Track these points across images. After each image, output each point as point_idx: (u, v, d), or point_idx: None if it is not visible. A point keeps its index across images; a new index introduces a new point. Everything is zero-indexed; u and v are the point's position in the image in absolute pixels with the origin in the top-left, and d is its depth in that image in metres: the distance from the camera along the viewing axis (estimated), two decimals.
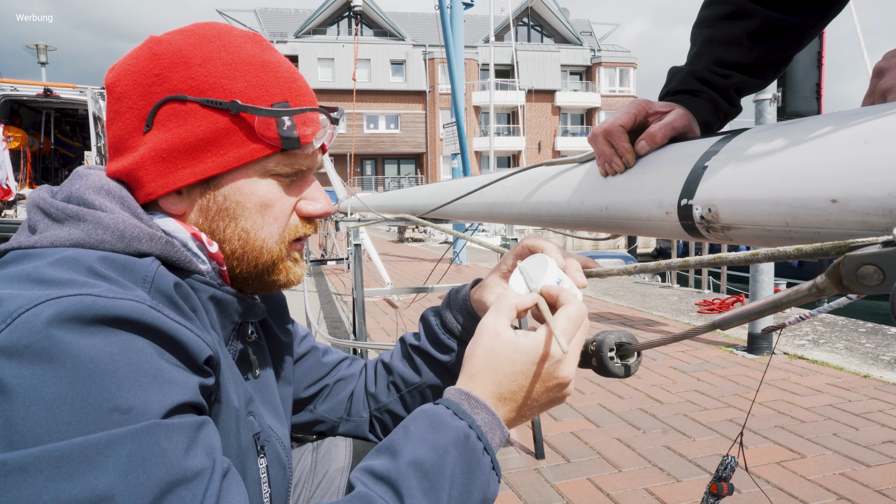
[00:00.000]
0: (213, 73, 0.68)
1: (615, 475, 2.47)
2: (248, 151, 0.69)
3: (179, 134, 0.68)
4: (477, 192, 1.51)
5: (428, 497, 0.57)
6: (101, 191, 0.68)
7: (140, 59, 0.70)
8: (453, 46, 10.13)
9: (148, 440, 0.51)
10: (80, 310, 0.52)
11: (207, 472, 0.54)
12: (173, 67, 0.68)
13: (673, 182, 0.76)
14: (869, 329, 4.96)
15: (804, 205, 0.56)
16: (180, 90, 0.68)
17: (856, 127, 0.55)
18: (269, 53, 0.73)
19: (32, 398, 0.48)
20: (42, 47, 13.83)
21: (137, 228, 0.65)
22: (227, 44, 0.71)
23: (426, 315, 0.95)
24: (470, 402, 0.64)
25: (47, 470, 0.47)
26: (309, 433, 1.01)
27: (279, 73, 0.72)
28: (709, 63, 0.93)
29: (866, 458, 2.57)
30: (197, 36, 0.71)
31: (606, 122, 0.90)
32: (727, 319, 0.55)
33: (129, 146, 0.70)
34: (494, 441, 0.63)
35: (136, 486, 0.49)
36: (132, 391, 0.52)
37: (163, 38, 0.71)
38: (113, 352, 0.53)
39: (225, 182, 0.70)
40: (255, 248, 0.73)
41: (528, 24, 41.78)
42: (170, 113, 0.68)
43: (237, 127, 0.68)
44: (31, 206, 0.68)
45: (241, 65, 0.70)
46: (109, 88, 0.72)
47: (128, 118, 0.69)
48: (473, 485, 0.60)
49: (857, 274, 0.44)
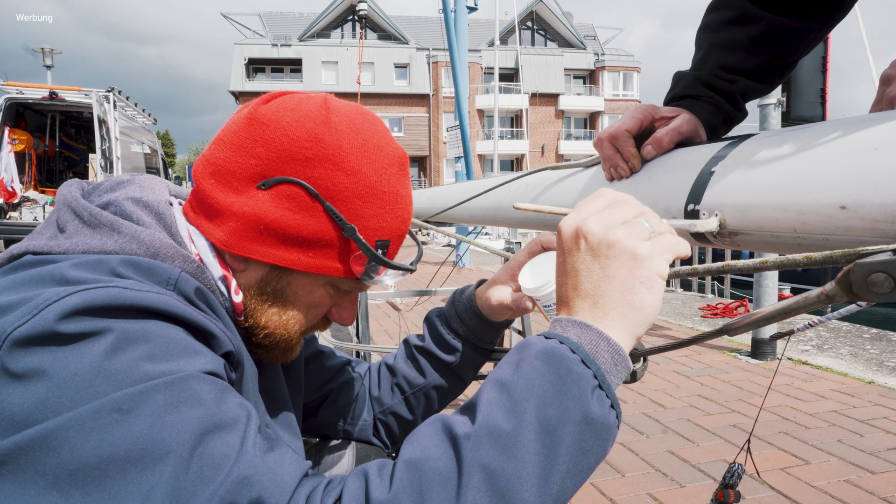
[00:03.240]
0: (352, 189, 0.68)
1: (618, 480, 2.46)
2: (333, 268, 0.70)
3: (288, 219, 0.67)
4: (481, 195, 1.51)
5: (505, 408, 0.52)
6: (140, 203, 0.67)
7: (303, 129, 0.67)
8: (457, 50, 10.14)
9: (182, 386, 0.52)
10: (107, 300, 0.53)
11: (243, 421, 0.55)
12: (325, 161, 0.67)
13: (679, 187, 0.76)
14: (874, 335, 4.94)
15: (813, 211, 0.56)
16: (317, 185, 0.67)
17: (865, 133, 0.54)
18: (403, 184, 0.74)
19: (65, 375, 0.50)
20: (48, 50, 13.89)
21: (172, 248, 0.65)
22: (377, 161, 0.70)
23: (430, 316, 0.95)
24: (560, 323, 0.58)
25: (85, 425, 0.48)
26: (312, 437, 1.00)
27: (401, 211, 0.73)
28: (714, 68, 0.93)
29: (871, 465, 2.56)
30: (362, 139, 0.69)
31: (612, 127, 0.90)
32: (736, 325, 0.55)
33: (235, 186, 0.68)
34: (600, 354, 0.54)
35: (175, 428, 0.50)
36: (163, 361, 0.53)
37: (332, 122, 0.68)
38: (146, 328, 0.54)
39: (296, 274, 0.71)
40: (284, 334, 0.74)
41: (531, 27, 41.82)
42: (293, 194, 0.67)
43: (338, 245, 0.69)
44: (62, 205, 0.67)
45: (379, 193, 0.70)
46: (257, 122, 0.68)
47: (254, 163, 0.67)
48: (567, 397, 0.51)
49: (867, 282, 0.44)
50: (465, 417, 0.54)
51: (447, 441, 0.52)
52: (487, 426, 0.51)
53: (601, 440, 0.52)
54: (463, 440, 0.51)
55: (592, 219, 0.58)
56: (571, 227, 0.59)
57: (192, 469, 0.49)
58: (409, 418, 0.96)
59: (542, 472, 0.50)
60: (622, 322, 0.55)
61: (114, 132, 8.51)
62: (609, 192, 0.62)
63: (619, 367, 0.55)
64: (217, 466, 0.50)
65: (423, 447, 0.53)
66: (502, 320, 0.90)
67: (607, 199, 0.60)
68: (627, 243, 0.56)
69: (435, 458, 0.51)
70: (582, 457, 0.51)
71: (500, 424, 0.51)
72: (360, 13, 9.72)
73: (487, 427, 0.51)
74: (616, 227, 0.57)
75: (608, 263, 0.56)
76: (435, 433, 0.54)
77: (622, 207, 0.59)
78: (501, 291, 0.86)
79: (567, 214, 0.61)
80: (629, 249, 0.56)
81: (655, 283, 0.56)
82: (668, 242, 0.58)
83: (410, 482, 0.50)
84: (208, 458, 0.50)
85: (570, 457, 0.51)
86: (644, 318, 0.56)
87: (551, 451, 0.50)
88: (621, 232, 0.56)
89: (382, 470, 0.53)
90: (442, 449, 0.52)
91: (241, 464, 0.51)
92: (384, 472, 0.53)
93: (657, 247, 0.57)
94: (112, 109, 8.56)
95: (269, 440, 0.57)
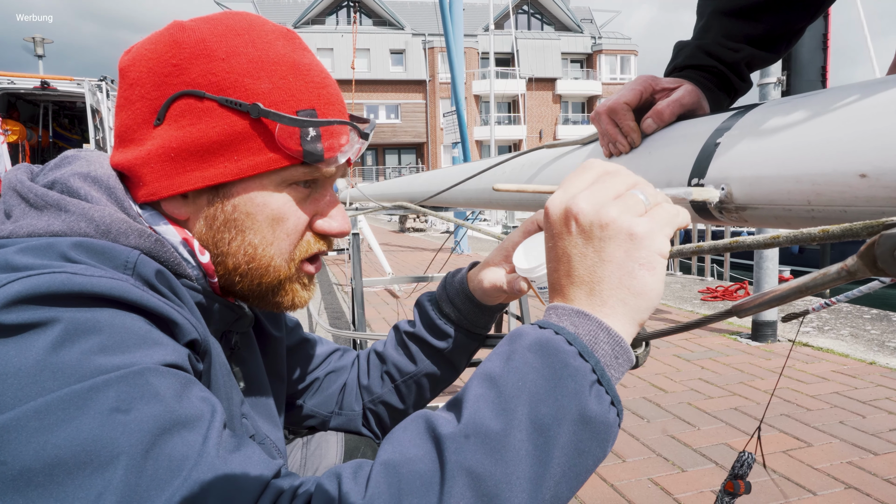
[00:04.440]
0: (236, 69, 0.62)
1: (619, 465, 2.44)
2: (265, 160, 0.63)
3: (192, 133, 0.62)
4: (476, 177, 1.46)
5: (494, 405, 0.48)
6: (88, 178, 0.63)
7: (160, 45, 0.64)
8: (453, 35, 10.04)
9: (137, 381, 0.47)
10: (54, 287, 0.49)
11: (206, 417, 0.50)
12: (194, 59, 0.62)
13: (682, 161, 0.71)
14: (874, 315, 4.92)
15: (829, 181, 0.51)
16: (199, 85, 0.62)
17: (885, 95, 0.50)
18: (300, 54, 0.67)
19: (7, 370, 0.45)
20: (39, 40, 13.73)
21: (125, 223, 0.60)
22: (255, 38, 0.64)
23: (421, 301, 0.91)
24: (556, 311, 0.53)
25: (27, 426, 0.44)
26: (299, 427, 0.97)
27: (309, 77, 0.66)
28: (718, 36, 0.88)
29: (873, 447, 2.53)
30: (224, 26, 0.64)
31: (610, 100, 0.86)
32: (747, 305, 0.50)
33: (136, 138, 0.64)
34: (599, 346, 0.50)
35: (128, 427, 0.45)
36: (117, 353, 0.48)
37: (187, 25, 0.64)
38: (98, 317, 0.49)
39: (236, 191, 0.64)
40: (261, 265, 0.67)
41: (528, 11, 41.47)
42: (184, 108, 0.62)
43: (256, 133, 0.63)
44: (8, 189, 0.63)
45: (269, 64, 0.64)
46: (123, 73, 0.66)
47: (139, 107, 0.64)
48: (562, 394, 0.47)
49: (894, 255, 0.40)
50: (450, 415, 0.49)
51: (429, 441, 0.48)
52: (474, 425, 0.47)
53: (600, 441, 0.48)
54: (446, 441, 0.46)
55: (581, 196, 0.53)
56: (559, 208, 0.54)
57: (147, 472, 0.45)
58: (400, 407, 0.92)
59: (534, 476, 0.45)
60: (622, 309, 0.51)
61: (107, 122, 8.43)
62: (597, 162, 0.56)
63: (621, 360, 0.51)
64: (175, 469, 0.45)
65: (402, 448, 0.48)
66: (496, 304, 0.86)
67: (596, 171, 0.55)
68: (623, 222, 0.51)
69: (415, 460, 0.47)
70: (578, 459, 0.47)
71: (488, 424, 0.46)
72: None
73: (474, 426, 0.47)
74: (608, 203, 0.52)
75: (603, 246, 0.51)
76: (416, 432, 0.49)
77: (613, 180, 0.54)
78: (495, 273, 0.81)
79: (553, 192, 0.56)
80: (625, 229, 0.51)
81: (656, 263, 0.51)
82: (667, 214, 0.53)
83: (388, 486, 0.46)
84: (165, 460, 0.45)
85: (565, 459, 0.46)
86: (646, 303, 0.51)
87: (544, 453, 0.46)
88: (614, 209, 0.51)
89: (358, 472, 0.48)
90: (424, 450, 0.47)
91: (200, 466, 0.46)
92: (360, 475, 0.48)
93: (655, 222, 0.52)
94: (105, 99, 8.46)
95: (236, 437, 0.52)
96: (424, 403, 0.93)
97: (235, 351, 0.76)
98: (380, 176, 38.07)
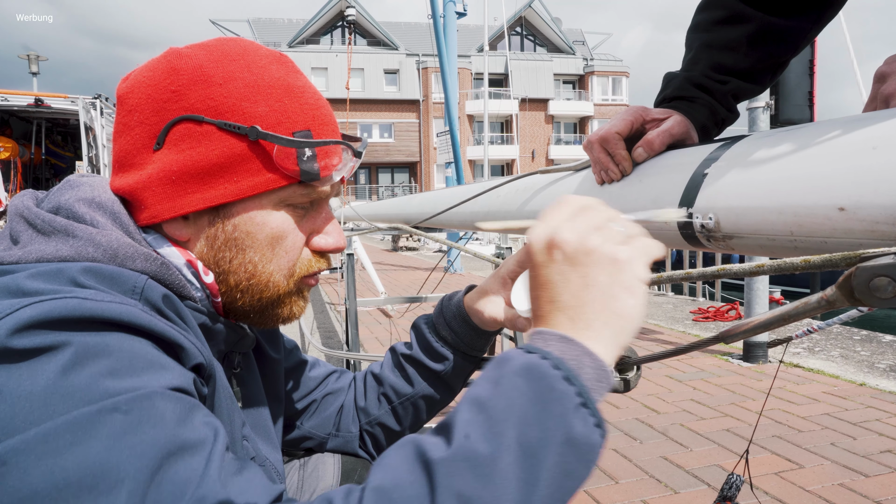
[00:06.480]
0: (233, 94, 0.64)
1: (612, 487, 2.44)
2: (263, 181, 0.65)
3: (192, 156, 0.64)
4: (471, 200, 1.48)
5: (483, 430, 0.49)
6: (93, 204, 0.64)
7: (157, 71, 0.66)
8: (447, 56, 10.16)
9: (144, 404, 0.48)
10: (64, 312, 0.50)
11: (209, 441, 0.51)
12: (192, 85, 0.64)
13: (671, 190, 0.74)
14: (864, 337, 4.96)
15: (810, 213, 0.54)
16: (197, 110, 0.64)
17: (863, 132, 0.53)
18: (294, 77, 0.69)
19: (19, 394, 0.46)
20: (34, 57, 13.75)
21: (131, 248, 0.62)
22: (250, 63, 0.67)
23: (418, 323, 0.92)
24: (542, 336, 0.54)
25: (36, 449, 0.45)
26: (296, 449, 0.97)
27: (304, 100, 0.68)
28: (705, 69, 0.91)
29: (864, 468, 2.55)
30: (219, 52, 0.67)
31: (602, 130, 0.88)
32: (733, 332, 0.53)
33: (136, 163, 0.66)
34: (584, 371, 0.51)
35: (134, 451, 0.46)
36: (126, 377, 0.50)
37: (183, 52, 0.67)
38: (108, 341, 0.51)
39: (236, 211, 0.66)
40: (261, 282, 0.69)
41: (521, 33, 41.99)
42: (184, 133, 0.64)
43: (254, 154, 0.65)
44: (14, 216, 0.64)
45: (264, 88, 0.66)
46: (121, 99, 0.67)
47: (138, 133, 0.65)
48: (549, 417, 0.48)
49: (869, 286, 0.42)
50: (439, 440, 0.50)
51: (419, 466, 0.49)
52: (463, 450, 0.48)
53: (585, 461, 0.49)
54: (436, 465, 0.48)
55: (564, 227, 0.56)
56: (542, 239, 0.57)
57: (150, 496, 0.46)
58: (397, 429, 0.93)
59: (523, 498, 0.47)
60: (606, 332, 0.53)
61: (101, 139, 8.43)
62: (573, 198, 0.59)
63: (603, 384, 0.52)
64: (178, 494, 0.46)
65: (393, 473, 0.49)
66: (493, 329, 0.88)
67: (573, 205, 0.58)
68: (606, 249, 0.54)
69: (405, 486, 0.48)
70: (565, 480, 0.48)
71: (477, 448, 0.47)
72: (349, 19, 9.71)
73: (463, 451, 0.48)
74: (590, 233, 0.55)
75: (588, 272, 0.54)
76: (406, 457, 0.50)
77: (591, 213, 0.57)
78: (494, 305, 0.83)
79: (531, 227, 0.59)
80: (608, 255, 0.54)
81: (637, 288, 0.54)
82: (644, 245, 0.56)
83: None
84: (168, 485, 0.47)
85: (552, 481, 0.48)
86: (629, 325, 0.54)
87: (532, 475, 0.47)
88: (597, 238, 0.54)
89: (349, 497, 0.49)
90: (414, 475, 0.48)
91: (202, 489, 0.47)
92: (350, 500, 0.49)
93: (635, 250, 0.55)
94: (99, 116, 8.47)
95: (238, 461, 0.53)
96: (421, 425, 0.94)
97: (237, 372, 0.77)
98: (373, 195, 38.12)
